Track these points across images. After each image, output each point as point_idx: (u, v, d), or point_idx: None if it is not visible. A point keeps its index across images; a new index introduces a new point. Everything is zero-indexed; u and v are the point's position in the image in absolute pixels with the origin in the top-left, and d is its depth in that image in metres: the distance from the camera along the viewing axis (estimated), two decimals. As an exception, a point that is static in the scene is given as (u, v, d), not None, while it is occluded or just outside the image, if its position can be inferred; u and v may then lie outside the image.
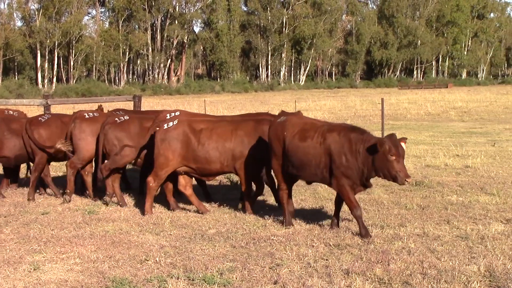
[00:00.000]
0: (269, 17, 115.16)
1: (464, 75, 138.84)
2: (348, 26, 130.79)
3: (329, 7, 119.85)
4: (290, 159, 11.35)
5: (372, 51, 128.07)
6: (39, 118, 15.15)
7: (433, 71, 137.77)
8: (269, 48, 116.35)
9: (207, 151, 12.60)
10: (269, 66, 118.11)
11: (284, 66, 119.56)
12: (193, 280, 8.64)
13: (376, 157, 10.52)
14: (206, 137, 12.60)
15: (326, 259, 9.53)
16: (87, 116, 14.67)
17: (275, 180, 12.55)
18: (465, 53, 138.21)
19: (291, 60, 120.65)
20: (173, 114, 13.17)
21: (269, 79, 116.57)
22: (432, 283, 8.30)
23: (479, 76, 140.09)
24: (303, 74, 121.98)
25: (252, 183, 13.15)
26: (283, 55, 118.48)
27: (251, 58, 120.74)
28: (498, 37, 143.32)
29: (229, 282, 8.55)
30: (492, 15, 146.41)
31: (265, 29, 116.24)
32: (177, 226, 11.93)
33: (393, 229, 11.23)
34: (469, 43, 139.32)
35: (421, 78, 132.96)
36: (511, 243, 10.20)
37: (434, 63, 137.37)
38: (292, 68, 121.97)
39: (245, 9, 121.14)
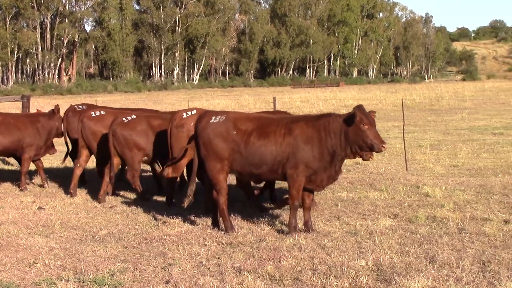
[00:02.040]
0: (162, 16, 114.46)
1: (355, 73, 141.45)
2: (241, 25, 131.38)
3: (222, 6, 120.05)
4: (246, 157, 10.99)
5: (265, 50, 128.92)
6: None
7: (325, 70, 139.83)
8: (162, 47, 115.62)
9: None
10: (163, 65, 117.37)
11: (177, 65, 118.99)
12: (83, 282, 8.51)
13: (349, 131, 10.59)
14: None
15: (218, 258, 9.55)
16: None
17: (215, 185, 11.37)
18: (356, 52, 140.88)
19: (185, 59, 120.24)
20: (189, 112, 13.67)
21: (162, 79, 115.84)
22: (322, 278, 8.43)
23: (369, 74, 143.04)
24: (197, 74, 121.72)
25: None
26: (176, 54, 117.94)
27: (144, 57, 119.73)
28: (387, 36, 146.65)
29: (120, 283, 8.47)
30: (381, 14, 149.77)
31: (158, 28, 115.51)
32: (68, 227, 11.75)
33: (285, 226, 11.34)
34: (360, 42, 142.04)
35: (314, 76, 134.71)
36: (398, 238, 10.46)
37: (326, 62, 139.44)
38: (186, 67, 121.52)
39: (137, 7, 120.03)
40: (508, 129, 29.93)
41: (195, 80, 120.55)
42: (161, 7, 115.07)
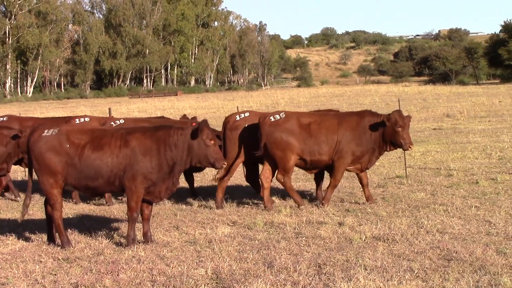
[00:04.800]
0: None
1: (192, 82, 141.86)
2: (75, 35, 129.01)
3: (54, 16, 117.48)
4: (81, 170, 10.71)
5: (101, 61, 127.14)
6: None
7: (163, 80, 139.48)
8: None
9: (318, 143, 13.38)
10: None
11: (9, 77, 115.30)
12: None
13: (193, 145, 10.58)
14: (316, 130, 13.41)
15: (55, 274, 9.32)
16: None
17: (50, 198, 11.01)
18: (193, 61, 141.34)
19: (17, 71, 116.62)
20: (242, 115, 14.21)
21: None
22: (161, 289, 8.38)
23: (207, 83, 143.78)
24: (31, 86, 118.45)
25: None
26: (8, 66, 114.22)
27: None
28: (223, 45, 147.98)
29: (-51, 307, 8.10)
30: (216, 23, 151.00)
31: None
32: None
33: (123, 239, 11.20)
34: (196, 51, 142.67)
35: (151, 86, 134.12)
36: (237, 245, 10.56)
37: (163, 71, 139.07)
38: (19, 80, 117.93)
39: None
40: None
41: (29, 93, 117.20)
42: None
